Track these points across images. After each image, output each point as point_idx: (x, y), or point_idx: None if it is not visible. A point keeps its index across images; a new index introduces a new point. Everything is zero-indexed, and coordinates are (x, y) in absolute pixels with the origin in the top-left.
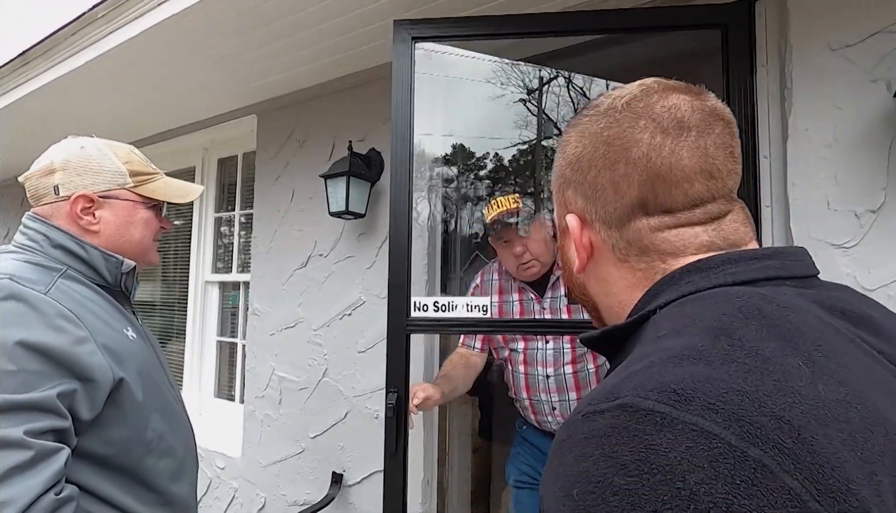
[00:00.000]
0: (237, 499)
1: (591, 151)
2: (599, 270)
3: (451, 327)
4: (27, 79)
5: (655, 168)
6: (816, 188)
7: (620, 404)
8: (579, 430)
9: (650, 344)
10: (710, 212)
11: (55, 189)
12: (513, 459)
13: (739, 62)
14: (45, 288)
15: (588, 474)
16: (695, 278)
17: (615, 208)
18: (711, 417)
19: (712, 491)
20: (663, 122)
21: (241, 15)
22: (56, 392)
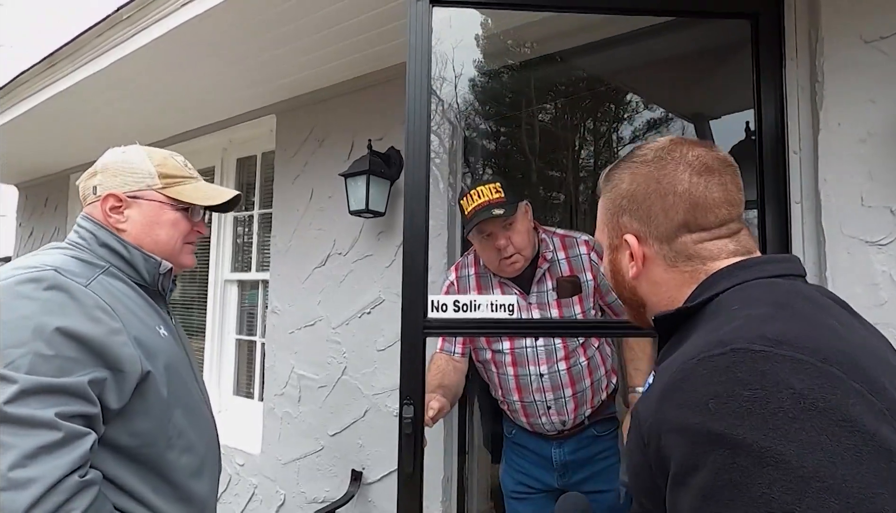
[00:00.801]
0: (257, 496)
1: (645, 188)
2: (651, 275)
3: (474, 329)
4: (53, 81)
5: (695, 198)
6: (849, 184)
7: (733, 348)
8: (698, 368)
9: (727, 314)
10: (732, 229)
11: (94, 190)
12: (507, 467)
13: (769, 54)
14: (86, 281)
15: (718, 392)
16: (741, 273)
17: (666, 228)
18: (800, 351)
19: (814, 391)
20: (696, 167)
21: (262, 16)
22: (88, 379)
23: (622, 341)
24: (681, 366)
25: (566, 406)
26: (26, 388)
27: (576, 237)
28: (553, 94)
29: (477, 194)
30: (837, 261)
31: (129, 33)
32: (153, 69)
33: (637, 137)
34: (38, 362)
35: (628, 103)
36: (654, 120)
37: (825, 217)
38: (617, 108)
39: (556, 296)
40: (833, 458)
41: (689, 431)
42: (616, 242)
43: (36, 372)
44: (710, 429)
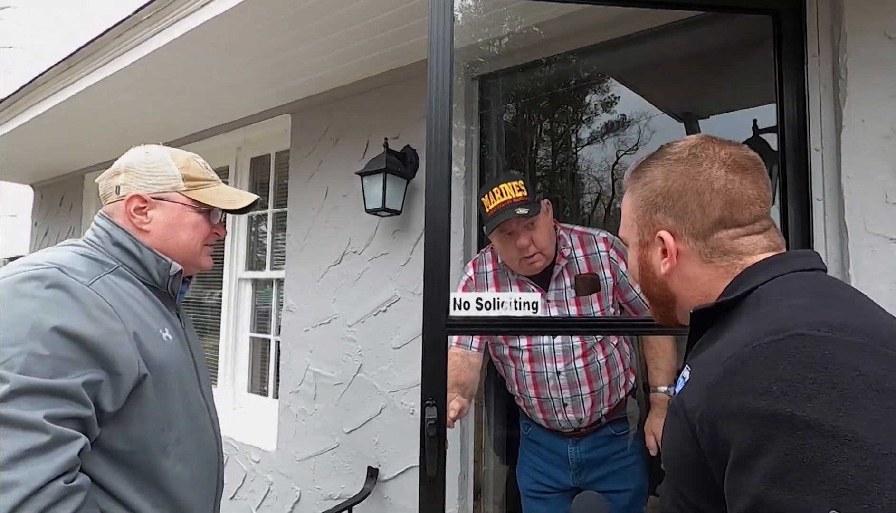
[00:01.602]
0: (272, 492)
1: (682, 185)
2: (684, 271)
3: (497, 327)
4: (71, 82)
5: (732, 195)
6: (873, 181)
7: (794, 334)
8: (757, 354)
9: (771, 305)
10: (764, 225)
11: (117, 189)
12: (522, 465)
13: (791, 51)
14: (89, 280)
15: (783, 376)
16: (777, 266)
17: (702, 225)
18: (858, 336)
19: (880, 372)
20: (730, 164)
21: (280, 15)
22: (82, 381)
23: (643, 340)
24: (735, 353)
25: (583, 404)
26: (17, 388)
27: (594, 234)
28: (565, 92)
29: (499, 192)
30: (861, 258)
31: (149, 34)
32: (171, 70)
33: (618, 134)
34: (33, 362)
35: (611, 102)
36: (642, 115)
37: (848, 214)
38: (603, 107)
39: (574, 293)
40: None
41: (753, 415)
42: (647, 238)
43: (29, 372)
44: (776, 411)
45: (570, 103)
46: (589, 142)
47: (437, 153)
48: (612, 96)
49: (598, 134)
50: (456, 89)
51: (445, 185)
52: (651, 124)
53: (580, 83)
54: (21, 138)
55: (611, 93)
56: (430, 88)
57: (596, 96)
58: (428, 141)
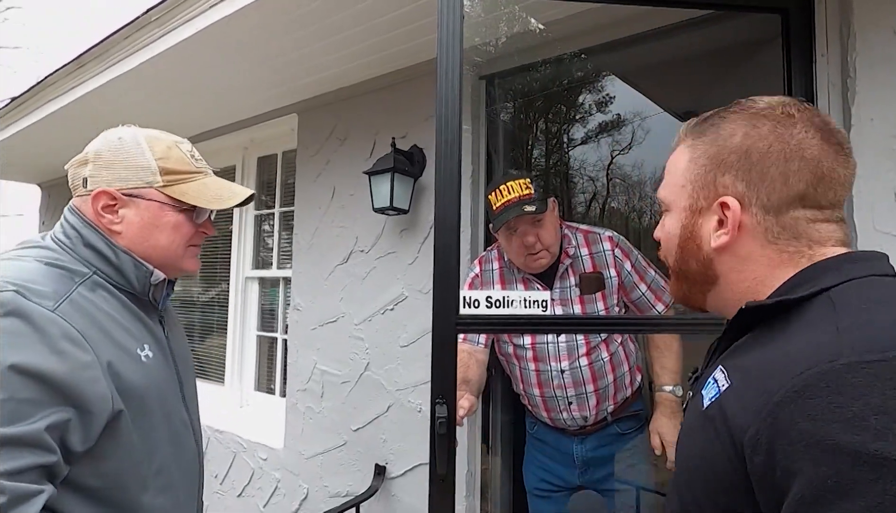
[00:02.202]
0: (280, 490)
1: (767, 145)
2: (739, 248)
3: (507, 326)
4: (81, 82)
5: (822, 170)
6: (882, 180)
7: (893, 356)
8: (848, 375)
9: (856, 314)
10: (839, 214)
11: (84, 181)
12: (528, 464)
13: (800, 49)
14: (54, 303)
15: (886, 408)
16: (850, 268)
17: (780, 197)
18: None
19: None
20: (826, 134)
21: (289, 15)
22: (46, 424)
23: (648, 339)
24: (816, 369)
25: (588, 402)
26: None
27: (599, 233)
28: (571, 91)
29: (507, 189)
30: None
31: (158, 35)
32: (180, 70)
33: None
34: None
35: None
36: (636, 115)
37: (857, 213)
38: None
39: (578, 292)
40: None
41: (841, 450)
42: (702, 203)
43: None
44: (876, 451)
45: (576, 102)
46: (590, 140)
47: (447, 152)
48: (613, 96)
49: (601, 132)
50: (464, 89)
51: (455, 183)
52: (649, 124)
53: (587, 82)
54: (30, 138)
55: (614, 92)
56: (439, 87)
57: (600, 96)
58: (437, 140)
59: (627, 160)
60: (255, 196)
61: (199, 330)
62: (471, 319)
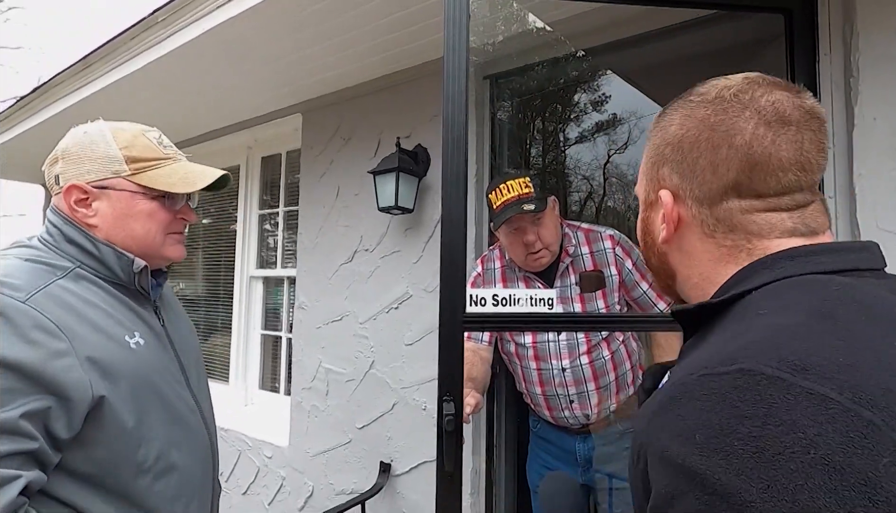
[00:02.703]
0: (285, 487)
1: (696, 134)
2: (684, 243)
3: (513, 323)
4: (87, 82)
5: (756, 156)
6: (885, 178)
7: (741, 369)
8: (697, 388)
9: (751, 320)
10: (797, 200)
11: (56, 179)
12: (531, 462)
13: (803, 49)
14: (26, 295)
15: (710, 422)
16: (786, 265)
17: (711, 188)
18: (827, 384)
19: (830, 442)
20: (767, 116)
21: (294, 17)
22: (21, 412)
23: (651, 338)
24: (680, 379)
25: (589, 400)
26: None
27: (600, 231)
28: (574, 91)
29: (507, 188)
30: None
31: (164, 36)
32: (185, 70)
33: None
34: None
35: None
36: (632, 114)
37: (860, 211)
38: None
39: (579, 290)
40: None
41: (671, 461)
42: (652, 196)
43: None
44: (692, 466)
45: (579, 102)
46: (592, 139)
47: (453, 151)
48: (615, 96)
49: (603, 131)
50: (469, 88)
51: (462, 182)
52: (646, 122)
53: (590, 82)
54: (35, 138)
55: (616, 92)
56: (445, 86)
57: (602, 95)
58: (444, 138)
59: (630, 160)
60: (230, 178)
61: (203, 329)
62: (477, 318)
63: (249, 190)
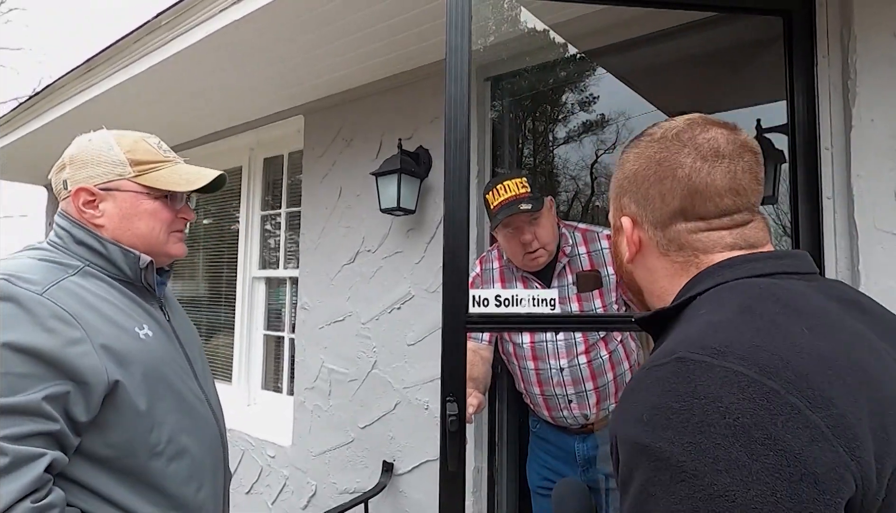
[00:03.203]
0: (288, 487)
1: (645, 169)
2: (646, 262)
3: (516, 324)
4: (91, 84)
5: (694, 185)
6: (883, 179)
7: (676, 358)
8: (645, 378)
9: (695, 319)
10: (736, 220)
11: (64, 184)
12: (531, 462)
13: (802, 51)
14: (43, 288)
15: (654, 404)
16: (724, 272)
17: (661, 214)
18: (739, 363)
19: (740, 407)
20: (703, 151)
21: (297, 20)
22: (44, 395)
23: (648, 337)
24: (636, 374)
25: (588, 400)
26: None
27: (597, 231)
28: (574, 92)
29: (504, 189)
30: (870, 255)
31: (168, 39)
32: (189, 73)
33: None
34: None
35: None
36: (620, 115)
37: (858, 212)
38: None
39: (576, 290)
40: (747, 477)
41: (627, 441)
42: (618, 223)
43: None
44: (640, 441)
45: (579, 104)
46: (592, 141)
47: (456, 153)
48: (616, 97)
49: (602, 133)
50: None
51: (464, 183)
52: (643, 124)
53: (590, 84)
54: (39, 140)
55: (617, 94)
56: (447, 87)
57: (602, 97)
58: (446, 140)
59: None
60: (226, 178)
61: (206, 329)
62: (480, 318)
63: (252, 191)
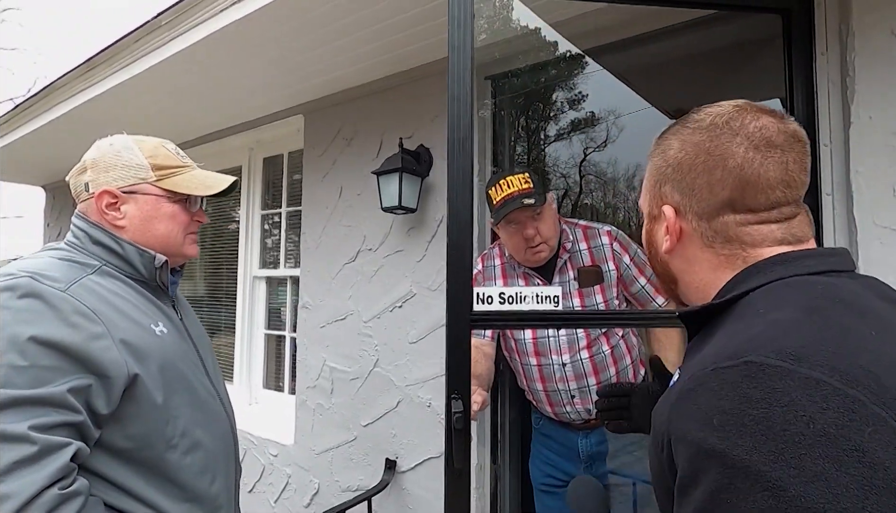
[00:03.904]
0: (291, 485)
1: (693, 158)
2: (686, 253)
3: (520, 321)
4: (90, 84)
5: (746, 176)
6: (881, 176)
7: (746, 361)
8: (709, 380)
9: (751, 318)
10: (784, 213)
11: (86, 186)
12: (534, 459)
13: (801, 49)
14: (65, 285)
15: (724, 408)
16: (778, 269)
17: (708, 204)
18: (819, 369)
19: (825, 417)
20: (755, 140)
21: (298, 20)
22: (68, 387)
23: (649, 332)
24: (694, 374)
25: (590, 396)
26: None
27: (598, 228)
28: (573, 90)
29: (506, 184)
30: (870, 251)
31: (167, 39)
32: (189, 73)
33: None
34: (12, 374)
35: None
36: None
37: (857, 208)
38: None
39: (577, 285)
40: (836, 490)
41: (693, 444)
42: (655, 211)
43: (9, 385)
44: (711, 446)
45: (579, 102)
46: (590, 137)
47: (459, 151)
48: (616, 96)
49: (602, 130)
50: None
51: (468, 181)
52: (646, 123)
53: (590, 82)
54: (37, 141)
55: (617, 92)
56: (450, 85)
57: (602, 96)
58: (449, 137)
59: (626, 158)
60: (238, 185)
61: (207, 329)
62: (484, 316)
63: (252, 190)
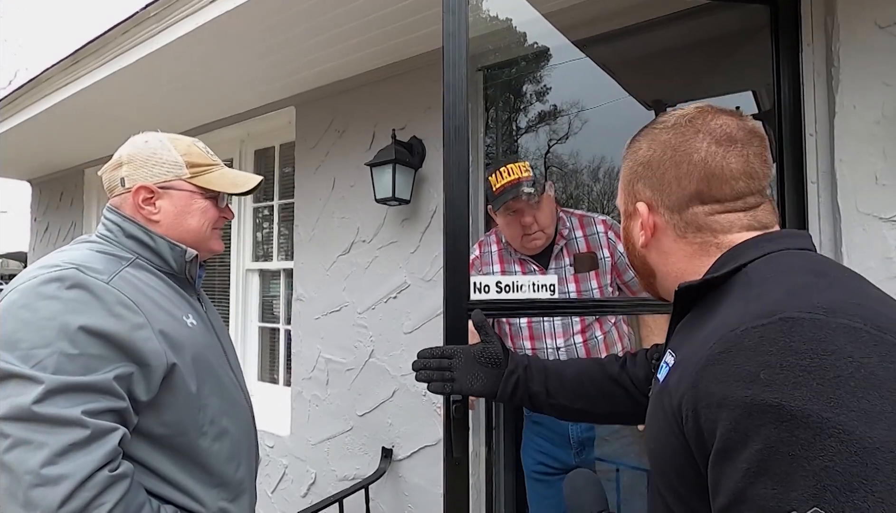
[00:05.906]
0: (287, 475)
1: (661, 155)
2: (661, 245)
3: (517, 310)
4: (76, 77)
5: (711, 169)
6: (864, 164)
7: (782, 318)
8: (743, 338)
9: (763, 285)
10: (749, 203)
11: (122, 181)
12: (525, 447)
13: (787, 40)
14: (108, 277)
15: (770, 363)
16: (766, 245)
17: (677, 197)
18: (853, 319)
19: (871, 361)
20: (717, 136)
21: (288, 11)
22: (114, 375)
23: (639, 319)
24: (721, 338)
25: None
26: (52, 387)
27: (593, 217)
28: (566, 81)
29: (507, 171)
30: (853, 237)
31: (156, 31)
32: (178, 65)
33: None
34: (64, 362)
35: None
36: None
37: (841, 195)
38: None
39: (573, 271)
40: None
41: (738, 404)
42: (630, 209)
43: (62, 371)
44: (763, 400)
45: (571, 92)
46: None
47: (455, 140)
48: (612, 89)
49: (599, 122)
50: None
51: (464, 170)
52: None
53: (582, 73)
54: (23, 134)
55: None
56: (445, 74)
57: (595, 86)
58: (445, 127)
59: (617, 149)
60: (262, 183)
61: None
62: (481, 305)
63: None
